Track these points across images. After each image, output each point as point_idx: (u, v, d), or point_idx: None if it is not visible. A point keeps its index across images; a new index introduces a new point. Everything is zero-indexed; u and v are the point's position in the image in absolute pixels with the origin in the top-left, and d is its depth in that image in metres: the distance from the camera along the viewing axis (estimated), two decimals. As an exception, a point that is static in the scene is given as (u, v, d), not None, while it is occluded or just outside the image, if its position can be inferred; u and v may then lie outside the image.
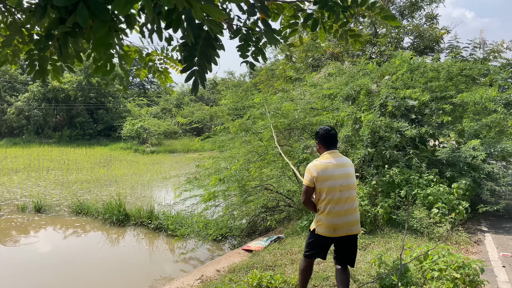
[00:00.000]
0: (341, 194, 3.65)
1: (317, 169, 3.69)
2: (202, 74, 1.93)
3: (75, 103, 39.97)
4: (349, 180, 3.70)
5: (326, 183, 3.66)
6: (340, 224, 3.64)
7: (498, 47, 13.63)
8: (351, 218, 3.67)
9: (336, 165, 3.70)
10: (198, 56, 1.86)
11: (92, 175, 20.51)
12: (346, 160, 3.81)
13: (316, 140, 3.94)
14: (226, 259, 6.51)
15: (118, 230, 11.15)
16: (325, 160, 3.73)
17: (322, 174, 3.67)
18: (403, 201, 7.15)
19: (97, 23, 1.68)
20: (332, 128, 3.89)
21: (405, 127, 7.54)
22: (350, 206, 3.68)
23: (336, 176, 3.66)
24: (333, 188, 3.65)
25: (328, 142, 3.82)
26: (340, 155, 3.80)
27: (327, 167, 3.68)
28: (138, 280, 7.76)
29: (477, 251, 5.88)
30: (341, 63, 11.02)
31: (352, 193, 3.72)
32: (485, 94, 8.09)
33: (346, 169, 3.73)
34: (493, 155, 7.79)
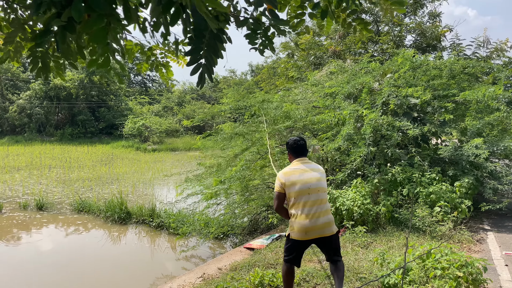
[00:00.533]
0: (309, 197, 3.75)
1: (285, 175, 3.85)
2: (209, 67, 1.92)
3: (77, 101, 40.02)
4: (317, 183, 3.81)
5: (295, 187, 3.78)
6: (311, 227, 3.71)
7: (502, 46, 13.57)
8: (322, 221, 3.73)
9: (304, 169, 3.86)
10: (205, 49, 1.84)
11: (94, 173, 20.54)
12: (315, 166, 3.98)
13: (287, 150, 4.12)
14: (228, 257, 6.50)
15: (120, 228, 11.17)
16: (294, 167, 3.91)
17: (290, 179, 3.80)
18: (405, 199, 7.13)
19: (93, 17, 1.66)
20: (301, 139, 4.08)
21: (407, 126, 7.51)
22: (320, 209, 3.75)
23: (304, 179, 3.79)
24: (301, 191, 3.76)
25: (296, 151, 4.00)
26: (308, 162, 3.98)
27: (295, 173, 3.84)
28: (140, 278, 7.77)
29: (479, 249, 5.86)
30: (343, 61, 10.99)
31: (322, 195, 3.81)
32: (487, 92, 8.06)
33: (314, 173, 3.85)
34: (495, 154, 7.76)
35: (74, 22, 1.75)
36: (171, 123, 41.36)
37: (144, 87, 60.50)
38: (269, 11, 2.13)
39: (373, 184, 7.32)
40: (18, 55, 2.51)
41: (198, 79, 1.93)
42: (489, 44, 13.22)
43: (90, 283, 7.43)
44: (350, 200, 6.90)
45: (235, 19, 2.06)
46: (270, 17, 2.09)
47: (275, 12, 2.13)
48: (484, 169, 7.31)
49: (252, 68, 58.86)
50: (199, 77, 1.92)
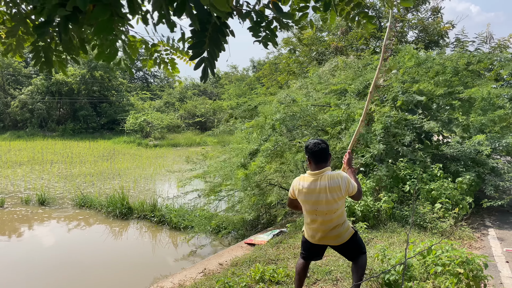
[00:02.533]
0: (317, 217, 3.60)
1: (296, 189, 3.67)
2: (212, 61, 1.91)
3: (79, 96, 40.03)
4: (326, 206, 3.52)
5: (303, 204, 3.67)
6: (318, 238, 3.68)
7: (505, 42, 13.50)
8: (328, 235, 3.63)
9: (312, 190, 3.55)
10: (207, 43, 1.84)
11: (96, 168, 20.58)
12: (325, 184, 3.51)
13: (306, 155, 3.72)
14: (228, 252, 6.52)
15: (121, 223, 11.21)
16: (304, 183, 3.61)
17: (299, 195, 3.65)
18: (406, 196, 7.12)
19: (98, 7, 1.65)
20: (322, 141, 3.65)
21: (420, 121, 7.46)
22: (326, 228, 3.60)
23: (312, 201, 3.57)
24: (308, 211, 3.65)
25: (316, 157, 3.59)
26: (321, 178, 3.54)
27: (302, 192, 3.60)
28: (141, 273, 7.81)
29: (480, 246, 5.86)
30: (346, 57, 10.95)
31: (329, 216, 3.56)
32: (492, 89, 8.04)
33: (324, 195, 3.51)
34: (497, 150, 7.74)
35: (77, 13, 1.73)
36: (173, 118, 41.32)
37: (146, 83, 60.45)
38: (273, 3, 2.11)
39: (375, 180, 7.31)
40: (20, 49, 2.51)
41: (201, 74, 1.92)
42: (492, 40, 13.16)
43: (91, 278, 7.47)
44: (351, 196, 6.89)
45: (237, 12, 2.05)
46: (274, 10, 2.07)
47: (279, 4, 2.12)
48: (486, 166, 7.30)
49: (254, 64, 58.71)
50: (203, 72, 1.92)
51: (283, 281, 4.69)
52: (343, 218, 3.65)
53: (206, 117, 43.69)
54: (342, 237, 3.62)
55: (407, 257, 3.94)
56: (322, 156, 3.57)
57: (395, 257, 4.11)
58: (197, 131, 40.94)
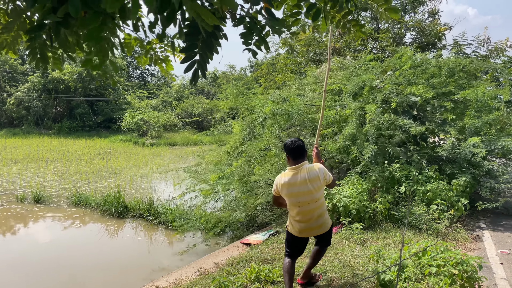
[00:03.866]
0: (300, 208, 3.93)
1: (279, 185, 3.98)
2: (203, 65, 1.91)
3: (75, 94, 39.88)
4: (308, 196, 3.87)
5: (287, 198, 3.98)
6: (303, 230, 4.01)
7: (502, 45, 13.56)
8: (312, 225, 3.98)
9: (293, 183, 3.88)
10: (199, 47, 1.83)
11: (92, 166, 20.51)
12: (308, 175, 3.86)
13: (285, 152, 4.11)
14: (224, 252, 6.51)
15: (117, 222, 11.17)
16: (285, 178, 3.93)
17: (282, 190, 3.96)
18: (402, 197, 7.14)
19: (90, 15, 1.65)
20: (298, 140, 4.05)
21: (409, 124, 7.51)
22: (311, 217, 3.94)
23: (294, 193, 3.89)
24: (292, 203, 3.96)
25: (293, 153, 3.96)
26: (300, 171, 3.89)
27: (284, 186, 3.92)
28: (136, 272, 7.78)
29: (475, 248, 5.88)
30: (343, 58, 10.97)
31: (312, 205, 3.91)
32: (487, 91, 8.07)
33: (305, 186, 3.85)
34: (492, 153, 7.77)
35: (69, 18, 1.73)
36: (170, 117, 41.25)
37: (143, 81, 60.33)
38: (266, 9, 2.12)
39: (370, 181, 7.33)
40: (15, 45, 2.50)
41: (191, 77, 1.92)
42: (489, 43, 13.21)
43: (86, 277, 7.44)
44: (347, 197, 6.92)
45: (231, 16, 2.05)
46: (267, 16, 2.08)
47: (271, 10, 2.12)
48: (481, 168, 7.32)
49: (252, 64, 58.77)
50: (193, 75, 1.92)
51: (278, 281, 4.69)
52: (324, 207, 4.06)
53: (203, 116, 43.66)
54: (326, 225, 4.06)
55: (402, 258, 3.95)
56: (299, 152, 3.95)
57: (390, 257, 4.12)
58: (194, 130, 40.88)
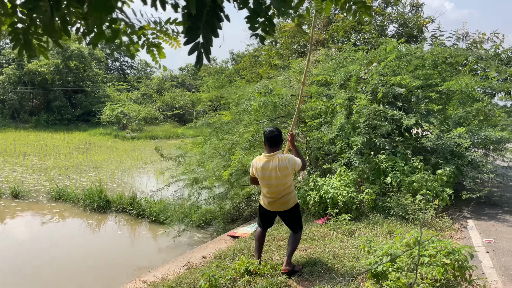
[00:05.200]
0: (269, 189, 4.60)
1: (254, 167, 4.64)
2: (207, 46, 1.81)
3: (52, 87, 38.80)
4: (277, 181, 4.50)
5: (260, 179, 4.63)
6: (270, 203, 4.68)
7: (481, 38, 13.77)
8: (278, 201, 4.63)
9: (266, 168, 4.50)
10: (202, 27, 1.73)
11: (71, 160, 20.05)
12: (279, 164, 4.46)
13: (264, 139, 4.67)
14: (212, 245, 6.43)
15: (99, 217, 10.95)
16: (260, 162, 4.57)
17: (256, 172, 4.62)
18: (388, 187, 7.18)
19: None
20: (276, 130, 4.61)
21: (400, 115, 7.53)
22: (277, 195, 4.61)
23: (266, 177, 4.53)
24: (263, 184, 4.63)
25: (270, 142, 4.55)
26: (273, 160, 4.49)
27: (258, 169, 4.56)
28: (121, 267, 7.64)
29: (461, 237, 5.96)
30: (327, 50, 10.94)
31: (280, 188, 4.55)
32: (471, 82, 8.16)
33: (275, 173, 4.47)
34: (475, 143, 7.89)
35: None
36: (150, 110, 40.68)
37: (123, 74, 59.24)
38: (271, -12, 2.02)
39: (357, 172, 7.34)
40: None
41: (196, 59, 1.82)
42: (468, 37, 13.39)
43: (69, 273, 7.25)
44: (334, 189, 6.92)
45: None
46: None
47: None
48: (464, 158, 7.43)
49: (233, 56, 58.40)
50: (197, 57, 1.82)
51: (268, 274, 4.65)
52: (291, 189, 4.67)
53: (185, 109, 43.18)
54: (288, 203, 4.65)
55: (394, 248, 3.95)
56: (274, 141, 4.55)
57: (381, 248, 4.11)
58: (176, 123, 40.43)
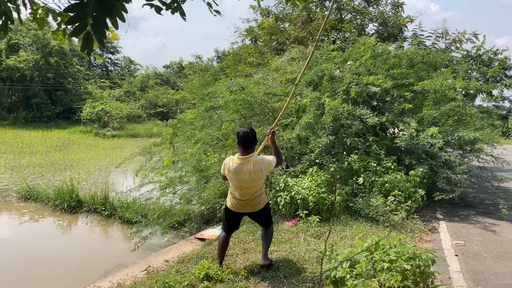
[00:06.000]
0: (242, 190, 4.44)
1: (226, 168, 4.49)
2: (100, 29, 1.53)
3: (32, 83, 37.87)
4: (248, 183, 4.38)
5: (231, 180, 4.49)
6: (240, 206, 4.52)
7: (460, 37, 13.78)
8: (248, 203, 4.50)
9: (239, 171, 4.36)
10: (92, 6, 1.47)
11: (47, 159, 19.52)
12: (250, 168, 4.33)
13: (237, 139, 4.52)
14: (177, 248, 6.19)
15: (69, 217, 10.60)
16: (233, 164, 4.42)
17: (228, 173, 4.48)
18: (360, 188, 7.03)
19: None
20: (251, 131, 4.45)
21: (367, 114, 7.39)
22: (249, 197, 4.47)
23: (238, 179, 4.39)
24: (235, 186, 4.47)
25: (243, 143, 4.40)
26: (247, 163, 4.34)
27: (230, 171, 4.42)
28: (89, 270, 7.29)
29: (431, 239, 5.83)
30: (305, 47, 10.77)
31: (252, 189, 4.44)
32: (445, 82, 8.07)
33: (248, 175, 4.34)
34: (450, 143, 7.79)
35: None
36: (133, 108, 40.10)
37: (106, 71, 58.34)
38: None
39: (329, 172, 7.17)
40: None
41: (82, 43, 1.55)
42: (448, 36, 13.37)
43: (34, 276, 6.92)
44: (305, 189, 6.74)
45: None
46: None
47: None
48: (438, 159, 7.31)
49: (218, 54, 57.97)
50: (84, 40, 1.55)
51: (228, 279, 4.43)
52: (262, 190, 4.59)
53: (169, 107, 42.68)
54: (260, 204, 4.56)
55: (355, 252, 3.78)
56: (248, 142, 4.41)
57: (343, 252, 3.93)
58: (159, 121, 39.91)
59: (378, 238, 3.73)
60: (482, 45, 18.48)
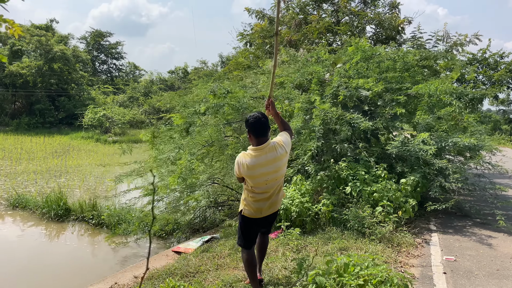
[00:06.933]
0: (267, 187, 3.73)
1: (242, 167, 3.70)
2: None
3: (35, 89, 37.93)
4: (275, 175, 3.72)
5: (251, 179, 3.71)
6: (265, 208, 3.80)
7: (461, 40, 13.33)
8: (274, 200, 3.83)
9: (259, 164, 3.65)
10: None
11: (44, 165, 19.33)
12: (272, 155, 3.66)
13: (246, 129, 3.82)
14: (150, 263, 5.81)
15: (56, 226, 10.32)
16: (249, 159, 3.67)
17: (246, 172, 3.69)
18: (347, 198, 6.62)
19: None
20: (262, 116, 3.75)
21: (358, 119, 7.00)
22: (275, 192, 3.81)
23: (262, 174, 3.66)
24: (259, 183, 3.71)
25: (257, 131, 3.70)
26: (268, 151, 3.66)
27: (249, 168, 3.67)
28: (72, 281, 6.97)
29: (419, 254, 5.41)
30: (296, 50, 10.43)
31: (279, 182, 3.82)
32: (440, 86, 7.68)
33: (273, 165, 3.67)
34: (445, 150, 7.36)
35: None
36: (136, 114, 40.00)
37: (110, 77, 58.48)
38: None
39: (316, 181, 6.77)
40: None
41: None
42: (449, 39, 12.94)
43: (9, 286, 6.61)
44: (288, 199, 6.36)
45: None
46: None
47: None
48: (432, 166, 6.88)
49: (223, 60, 57.86)
50: None
51: (192, 300, 4.08)
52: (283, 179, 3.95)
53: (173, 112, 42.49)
54: (281, 201, 4.01)
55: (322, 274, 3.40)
56: (262, 129, 3.69)
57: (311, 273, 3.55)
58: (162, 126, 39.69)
59: (347, 259, 3.35)
60: (487, 48, 18.04)
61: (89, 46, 54.56)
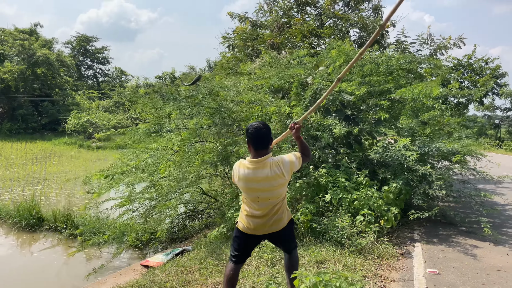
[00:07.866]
0: (260, 205, 3.46)
1: (236, 176, 3.49)
2: None
3: (17, 94, 37.08)
4: (267, 193, 3.41)
5: (243, 191, 3.54)
6: (260, 226, 3.51)
7: (445, 43, 13.20)
8: (270, 221, 3.50)
9: (252, 179, 3.38)
10: None
11: (21, 172, 18.72)
12: (268, 173, 3.35)
13: (246, 139, 3.56)
14: (114, 278, 5.45)
15: (26, 236, 9.84)
16: (244, 170, 3.42)
17: (239, 183, 3.48)
18: (327, 206, 6.30)
19: None
20: (264, 126, 3.45)
21: (334, 124, 6.69)
22: (270, 212, 3.48)
23: (254, 189, 3.41)
24: (251, 198, 3.48)
25: (255, 142, 3.41)
26: (263, 166, 3.36)
27: (242, 180, 3.43)
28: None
29: (401, 266, 5.10)
30: (278, 53, 10.15)
31: (273, 201, 3.47)
32: (424, 90, 7.44)
33: (266, 183, 3.36)
34: (428, 155, 7.10)
35: None
36: (122, 119, 39.34)
37: (96, 82, 57.69)
38: None
39: (294, 188, 6.44)
40: None
41: None
42: (433, 42, 12.79)
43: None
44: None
45: None
46: None
47: None
48: (415, 173, 6.60)
49: (210, 65, 57.56)
50: None
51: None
52: (284, 202, 3.62)
53: (159, 118, 41.93)
54: (282, 221, 3.57)
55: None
56: (262, 141, 3.42)
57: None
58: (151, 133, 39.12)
59: (316, 279, 3.01)
60: (473, 53, 18.05)
61: (74, 51, 53.78)
